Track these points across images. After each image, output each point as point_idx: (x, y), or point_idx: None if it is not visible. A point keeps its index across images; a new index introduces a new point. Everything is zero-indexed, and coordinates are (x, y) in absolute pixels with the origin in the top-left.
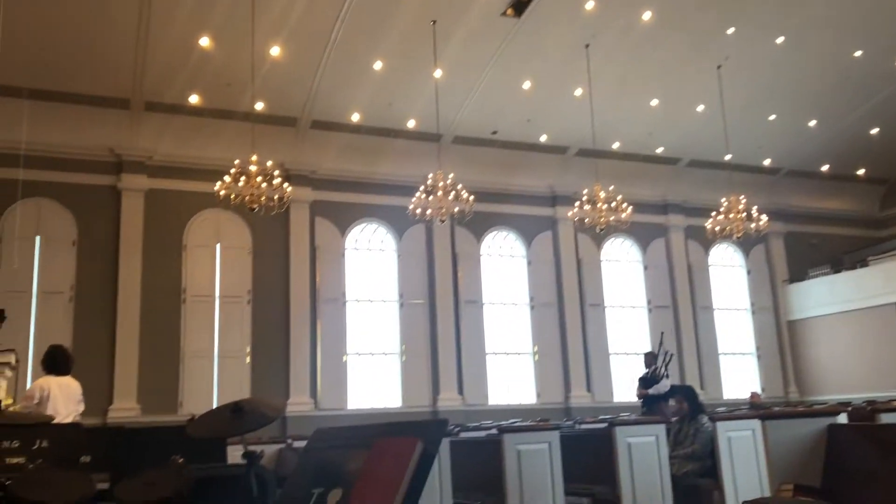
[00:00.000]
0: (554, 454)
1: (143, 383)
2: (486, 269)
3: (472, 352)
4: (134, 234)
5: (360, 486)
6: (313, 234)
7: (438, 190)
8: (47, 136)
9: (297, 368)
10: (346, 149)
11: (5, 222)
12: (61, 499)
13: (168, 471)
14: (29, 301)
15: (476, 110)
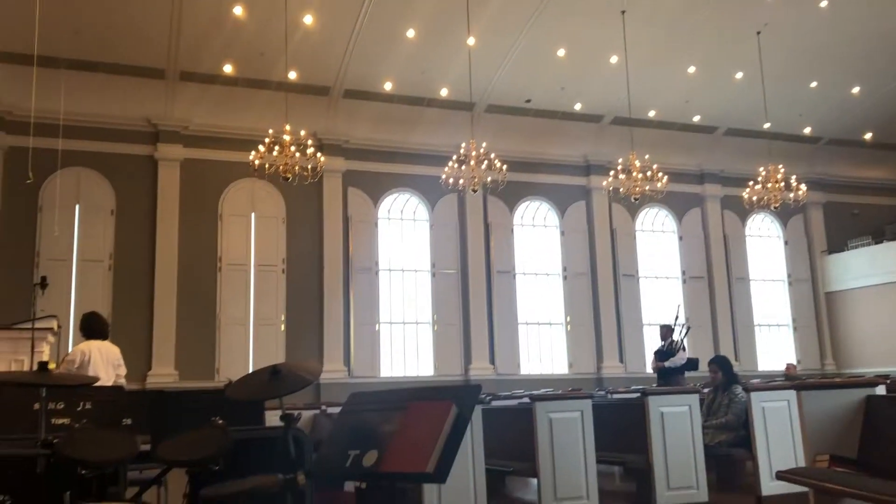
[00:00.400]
0: (586, 423)
1: (181, 350)
2: (519, 239)
3: (505, 321)
4: (171, 204)
5: (396, 447)
6: (346, 203)
7: (471, 159)
8: (86, 106)
9: (331, 336)
10: (378, 118)
11: (45, 191)
12: (106, 457)
13: (208, 432)
14: (70, 269)
15: (510, 78)
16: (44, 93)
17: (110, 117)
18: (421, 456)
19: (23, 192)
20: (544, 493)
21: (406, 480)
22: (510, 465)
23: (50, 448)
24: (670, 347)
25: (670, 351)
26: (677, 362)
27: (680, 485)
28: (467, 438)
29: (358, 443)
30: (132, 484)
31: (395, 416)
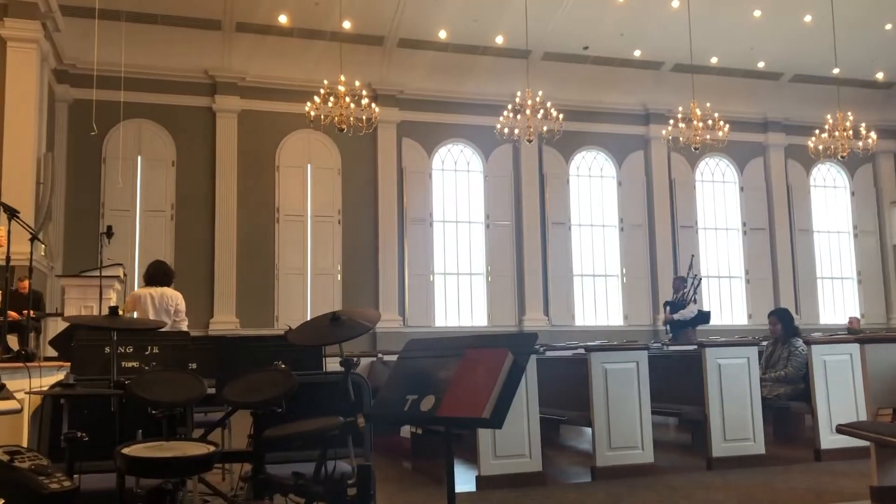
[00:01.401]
0: (641, 373)
1: (241, 298)
2: (575, 190)
3: (559, 273)
4: (229, 155)
5: (452, 393)
6: (400, 154)
7: (527, 108)
8: (146, 58)
9: (386, 286)
10: (432, 67)
11: (109, 143)
12: (175, 398)
13: (272, 376)
14: (133, 219)
15: (566, 25)
16: (106, 46)
17: (169, 69)
18: (478, 402)
19: (88, 143)
20: (598, 443)
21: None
22: (564, 414)
23: (122, 389)
24: (682, 299)
25: (681, 303)
26: (686, 315)
27: (736, 437)
28: (522, 387)
29: (415, 388)
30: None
31: (452, 362)
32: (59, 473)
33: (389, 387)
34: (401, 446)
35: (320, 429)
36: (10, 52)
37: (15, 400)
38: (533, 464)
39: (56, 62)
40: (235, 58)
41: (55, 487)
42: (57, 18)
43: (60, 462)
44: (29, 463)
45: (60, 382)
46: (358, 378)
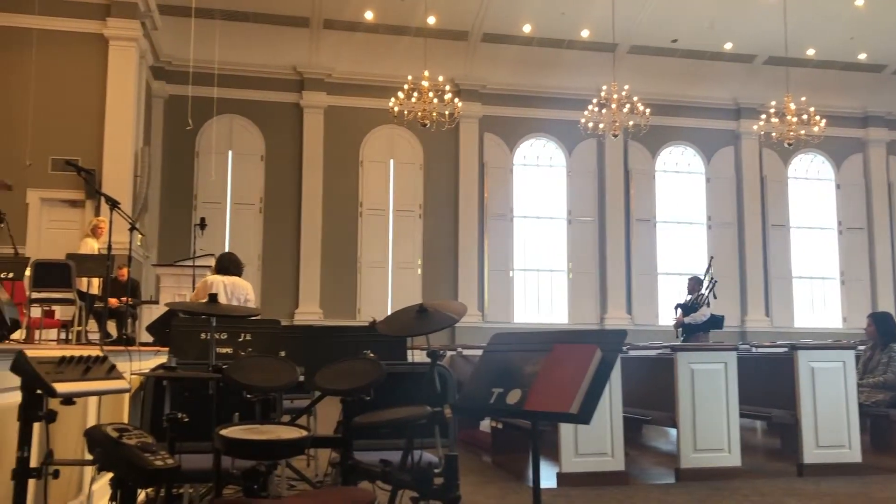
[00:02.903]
0: (730, 375)
1: (325, 290)
2: (661, 186)
3: (643, 271)
4: (315, 150)
5: (539, 387)
6: (482, 149)
7: (612, 102)
8: (238, 55)
9: (466, 281)
10: (516, 62)
11: (202, 137)
12: (270, 384)
13: (361, 364)
14: (224, 211)
15: (654, 17)
16: (200, 43)
17: (260, 66)
18: (565, 397)
19: (182, 138)
20: (683, 444)
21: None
22: (647, 413)
23: (220, 373)
24: (696, 302)
25: (694, 306)
26: (698, 319)
27: (830, 443)
28: (605, 385)
29: (501, 381)
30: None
31: (538, 357)
32: (162, 451)
33: (475, 379)
34: (480, 440)
35: (408, 417)
36: (111, 50)
37: (124, 380)
38: (615, 462)
39: (153, 59)
40: (322, 54)
41: (159, 464)
42: (155, 17)
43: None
44: (136, 440)
45: (163, 365)
46: (443, 370)
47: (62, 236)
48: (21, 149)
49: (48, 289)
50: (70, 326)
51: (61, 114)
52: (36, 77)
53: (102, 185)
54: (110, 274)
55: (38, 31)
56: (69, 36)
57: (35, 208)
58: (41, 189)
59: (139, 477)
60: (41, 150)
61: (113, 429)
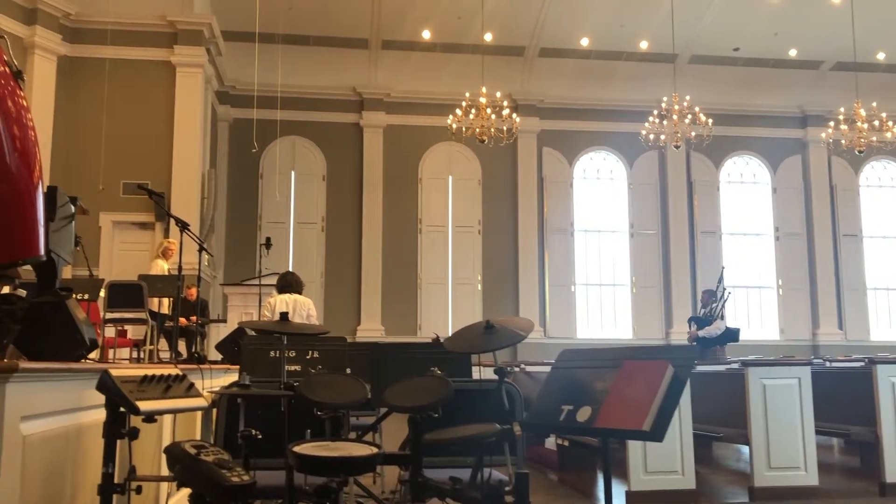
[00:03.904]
0: (804, 390)
1: (386, 307)
2: (726, 198)
3: (710, 284)
4: (375, 168)
5: (610, 404)
6: (541, 164)
7: (673, 113)
8: (299, 78)
9: (527, 296)
10: (574, 75)
11: (265, 159)
12: (340, 400)
13: (429, 381)
14: (287, 231)
15: (715, 26)
16: (265, 67)
17: (320, 88)
18: (637, 414)
19: (246, 160)
20: (757, 462)
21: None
22: (718, 430)
23: (291, 390)
24: (710, 315)
25: (708, 319)
26: (713, 332)
27: None
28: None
29: (571, 398)
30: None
31: (608, 373)
32: (238, 468)
33: (543, 396)
34: (546, 457)
35: (478, 435)
36: (178, 76)
37: (202, 397)
38: (686, 481)
39: (218, 84)
40: (381, 74)
41: (236, 480)
42: (219, 43)
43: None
44: (213, 457)
45: (236, 383)
46: (511, 387)
47: (133, 258)
48: (94, 174)
49: (121, 309)
50: (142, 345)
51: (132, 139)
52: (108, 105)
53: (171, 207)
54: (180, 294)
55: (110, 61)
56: (139, 64)
57: (107, 231)
58: (113, 212)
59: (217, 493)
60: (113, 174)
61: (191, 445)
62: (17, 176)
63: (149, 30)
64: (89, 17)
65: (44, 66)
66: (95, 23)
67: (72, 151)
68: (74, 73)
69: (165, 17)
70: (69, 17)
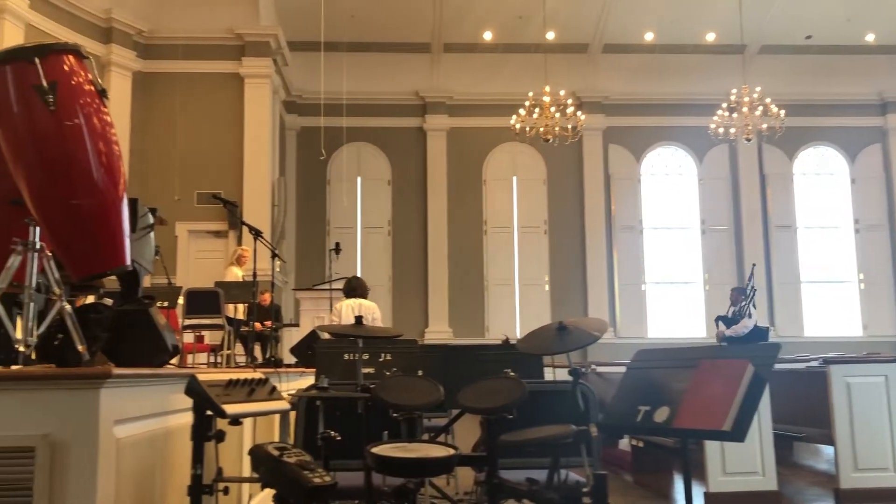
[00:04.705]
0: (892, 388)
1: (453, 309)
2: (800, 190)
3: (785, 280)
4: (439, 172)
5: (689, 404)
6: (607, 161)
7: (743, 106)
8: (363, 84)
9: (595, 296)
10: (639, 70)
11: (332, 165)
12: (415, 402)
13: (503, 383)
14: (355, 236)
15: (785, 14)
16: (330, 76)
17: (384, 93)
18: (717, 414)
19: (314, 167)
20: (843, 463)
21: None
22: (800, 430)
23: (367, 392)
24: (737, 314)
25: (735, 318)
26: (740, 331)
27: None
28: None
29: (648, 399)
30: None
31: (685, 373)
32: (319, 469)
33: (619, 397)
34: (620, 458)
35: (555, 436)
36: (247, 88)
37: (285, 400)
38: (766, 482)
39: (285, 94)
40: (443, 77)
41: (318, 481)
42: (285, 54)
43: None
44: (295, 458)
45: (315, 385)
46: (586, 388)
47: (208, 265)
48: (170, 185)
49: (199, 315)
50: (219, 350)
51: (204, 150)
52: (181, 117)
53: (243, 215)
54: (255, 299)
55: (182, 75)
56: (209, 77)
57: (183, 240)
58: (188, 221)
59: (300, 494)
60: (187, 185)
61: (274, 447)
62: (104, 190)
63: (217, 43)
64: (161, 34)
65: (120, 82)
66: (167, 39)
67: (148, 163)
68: (148, 88)
69: (233, 30)
70: (142, 35)
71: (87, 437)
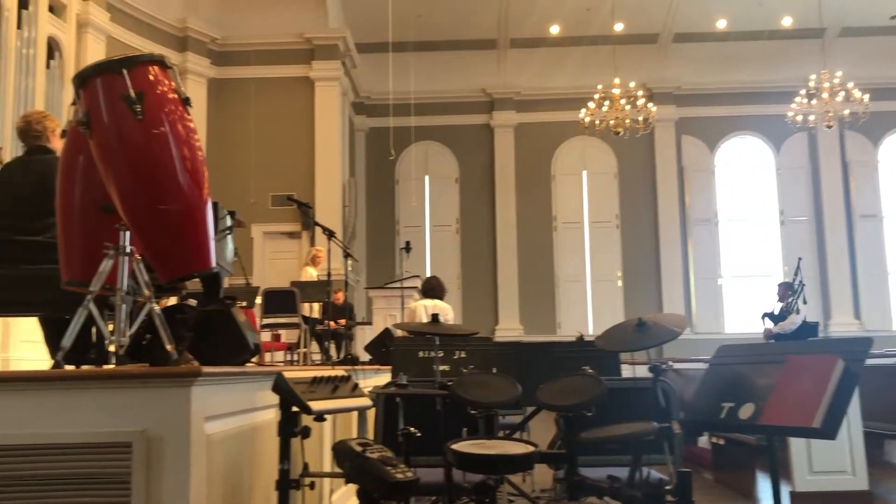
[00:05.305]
0: None
1: (524, 306)
2: (887, 178)
3: (872, 271)
4: (507, 168)
5: (775, 401)
6: (679, 153)
7: (823, 91)
8: (430, 83)
9: (670, 291)
10: (712, 59)
11: (401, 165)
12: (493, 399)
13: (581, 380)
14: (423, 234)
15: None
16: (399, 76)
17: (451, 91)
18: (806, 411)
19: (383, 167)
20: None
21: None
22: (893, 428)
23: (446, 389)
24: (784, 310)
25: (782, 314)
26: (787, 328)
27: None
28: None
29: (731, 395)
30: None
31: (770, 369)
32: (401, 465)
33: (702, 393)
34: (699, 456)
35: (636, 433)
36: (317, 91)
37: (367, 397)
38: (857, 481)
39: (354, 96)
40: (510, 73)
41: (400, 477)
42: (353, 56)
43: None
44: (377, 454)
45: (393, 382)
46: (666, 384)
47: (282, 266)
48: (245, 188)
49: (276, 314)
50: (295, 349)
51: (277, 153)
52: (254, 122)
53: (315, 216)
54: (329, 298)
55: (254, 80)
56: (280, 82)
57: (259, 241)
58: (263, 223)
59: (383, 489)
60: (261, 187)
61: (357, 443)
62: (189, 195)
63: (288, 48)
64: (233, 41)
65: (196, 89)
66: (239, 45)
67: (224, 168)
68: (222, 94)
69: (303, 34)
70: (216, 42)
71: (181, 432)
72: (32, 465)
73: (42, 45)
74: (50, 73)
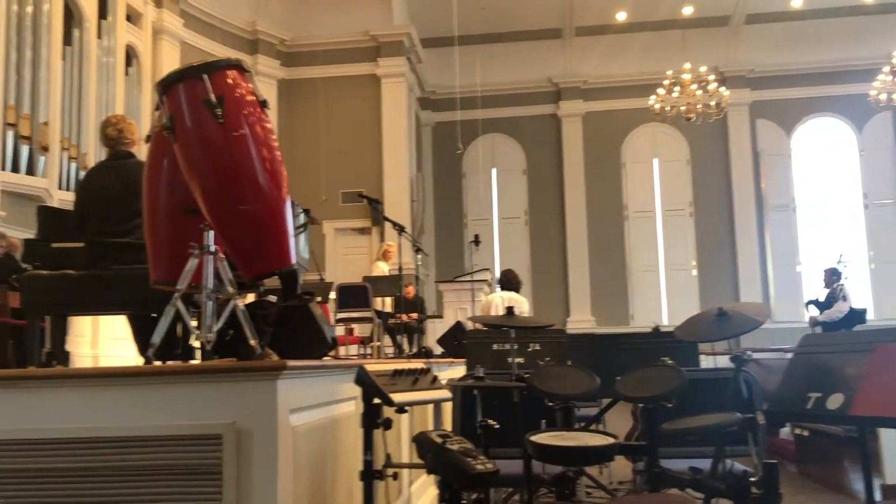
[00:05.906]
0: None
1: (595, 297)
2: None
3: None
4: (575, 158)
5: (866, 391)
6: (754, 137)
7: None
8: (496, 75)
9: (747, 279)
10: (786, 39)
11: (467, 158)
12: (571, 391)
13: (660, 371)
14: (491, 227)
15: None
16: (466, 69)
17: (517, 83)
18: None
19: (449, 161)
20: None
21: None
22: None
23: (523, 381)
24: (830, 297)
25: (829, 301)
26: (834, 316)
27: None
28: None
29: (818, 385)
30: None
31: (858, 358)
32: (481, 456)
33: (787, 384)
34: (781, 448)
35: (720, 424)
36: (384, 87)
37: (446, 389)
38: None
39: (419, 91)
40: (576, 62)
41: (480, 469)
42: (419, 52)
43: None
44: (457, 446)
45: (471, 374)
46: (748, 375)
47: (353, 261)
48: (316, 186)
49: (350, 309)
50: (368, 342)
51: (345, 151)
52: (323, 120)
53: (385, 212)
54: (400, 293)
55: (322, 80)
56: (347, 80)
57: (330, 237)
58: (334, 220)
59: (464, 480)
60: (332, 185)
61: (437, 435)
62: (269, 194)
63: (354, 46)
64: (301, 41)
65: (267, 90)
66: (306, 45)
67: (295, 166)
68: (291, 94)
69: (368, 32)
70: (284, 44)
71: (268, 424)
72: (129, 456)
73: (121, 52)
74: (129, 79)
